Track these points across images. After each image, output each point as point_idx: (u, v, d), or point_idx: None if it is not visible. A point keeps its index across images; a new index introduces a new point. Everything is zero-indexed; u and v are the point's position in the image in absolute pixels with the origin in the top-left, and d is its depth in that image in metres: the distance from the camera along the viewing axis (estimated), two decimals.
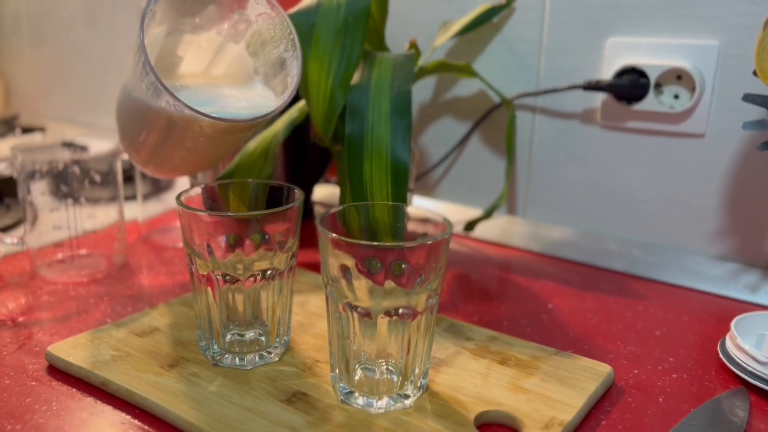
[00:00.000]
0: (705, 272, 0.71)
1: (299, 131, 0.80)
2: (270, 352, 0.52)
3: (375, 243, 0.43)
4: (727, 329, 0.61)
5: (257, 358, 0.51)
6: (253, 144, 0.73)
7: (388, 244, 0.43)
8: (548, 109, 0.78)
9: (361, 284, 0.44)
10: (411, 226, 0.55)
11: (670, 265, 0.73)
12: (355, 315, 0.45)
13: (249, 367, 0.51)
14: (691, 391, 0.52)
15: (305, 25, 0.66)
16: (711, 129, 0.69)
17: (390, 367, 0.47)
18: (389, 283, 0.44)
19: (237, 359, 0.51)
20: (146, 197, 0.89)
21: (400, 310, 0.45)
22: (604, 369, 0.52)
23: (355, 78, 0.66)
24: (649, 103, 0.71)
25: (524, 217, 0.83)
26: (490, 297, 0.68)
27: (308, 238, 0.81)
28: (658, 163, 0.73)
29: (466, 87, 0.84)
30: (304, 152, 0.80)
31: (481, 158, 0.84)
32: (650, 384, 0.53)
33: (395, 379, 0.47)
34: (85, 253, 0.72)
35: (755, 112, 0.67)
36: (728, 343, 0.56)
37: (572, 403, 0.48)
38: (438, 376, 0.51)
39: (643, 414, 0.49)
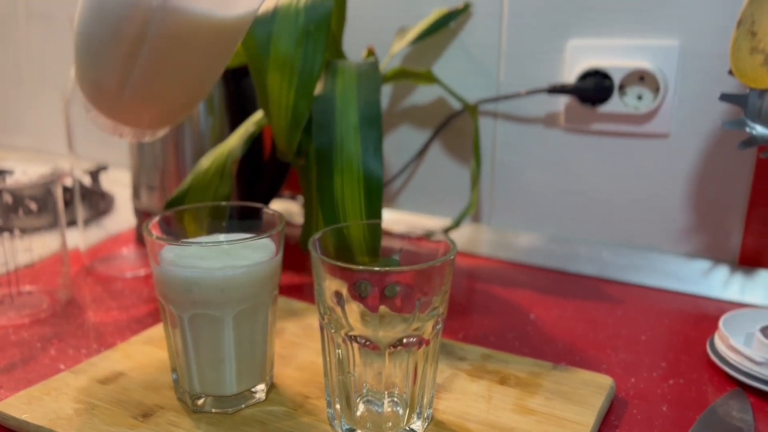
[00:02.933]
0: (676, 271, 0.71)
1: (254, 146, 0.75)
2: (254, 392, 0.47)
3: (379, 268, 0.40)
4: (709, 328, 0.61)
5: (240, 400, 0.47)
6: (206, 162, 0.68)
7: (394, 268, 0.40)
8: (510, 114, 0.77)
9: (362, 313, 0.41)
10: (386, 242, 0.52)
11: (641, 267, 0.72)
12: (355, 346, 0.42)
13: (231, 411, 0.46)
14: (691, 396, 0.51)
15: (262, 34, 0.61)
16: (675, 129, 0.70)
17: (395, 399, 0.43)
18: (384, 309, 0.41)
19: (218, 402, 0.46)
20: (86, 223, 0.82)
21: (405, 340, 0.41)
22: (606, 381, 0.51)
23: (318, 88, 0.62)
24: (614, 104, 0.70)
25: (490, 224, 0.81)
26: (470, 311, 0.65)
27: None
28: (624, 164, 0.73)
29: (424, 94, 0.81)
30: (260, 168, 0.75)
31: (442, 167, 0.82)
32: (650, 393, 0.52)
33: (401, 411, 0.43)
34: (25, 290, 0.64)
35: (719, 111, 0.67)
36: (718, 344, 0.56)
37: (582, 420, 0.46)
38: (440, 403, 0.47)
39: (652, 426, 0.47)
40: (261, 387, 0.48)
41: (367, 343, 0.41)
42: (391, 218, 0.84)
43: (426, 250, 0.47)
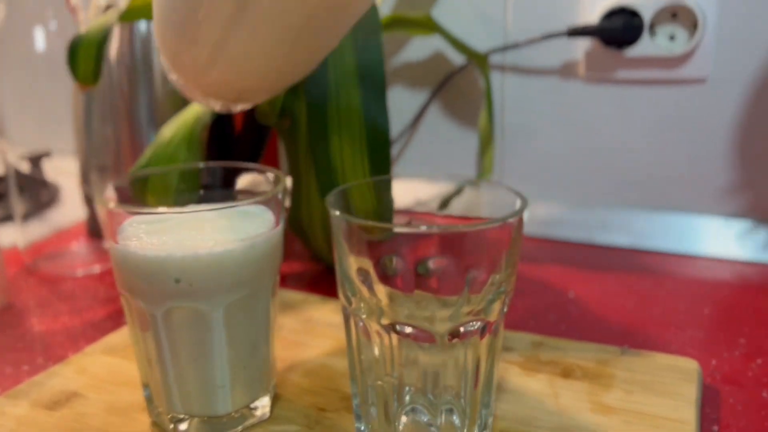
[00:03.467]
0: (721, 236, 0.62)
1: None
2: (255, 409, 0.36)
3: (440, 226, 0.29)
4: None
5: (236, 421, 0.35)
6: (169, 131, 0.56)
7: (453, 228, 0.29)
8: (520, 66, 0.67)
9: (391, 294, 0.30)
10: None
11: (681, 233, 0.63)
12: (395, 337, 0.31)
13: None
14: None
15: None
16: (714, 73, 0.60)
17: (450, 406, 0.32)
18: (420, 293, 0.30)
19: (208, 426, 0.35)
20: (25, 217, 0.69)
21: (463, 328, 0.30)
22: (690, 365, 0.41)
23: None
24: (643, 47, 0.61)
25: None
26: None
27: None
28: (655, 116, 0.63)
29: (418, 48, 0.70)
30: (234, 136, 0.63)
31: (443, 130, 0.71)
32: (740, 376, 0.42)
33: (457, 422, 0.32)
34: None
35: (765, 52, 0.58)
36: None
37: (681, 417, 0.36)
38: (497, 407, 0.37)
39: (755, 416, 0.38)
40: (264, 401, 0.36)
41: (416, 333, 0.30)
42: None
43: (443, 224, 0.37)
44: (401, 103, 0.72)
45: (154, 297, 0.32)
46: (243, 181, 0.39)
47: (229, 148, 0.64)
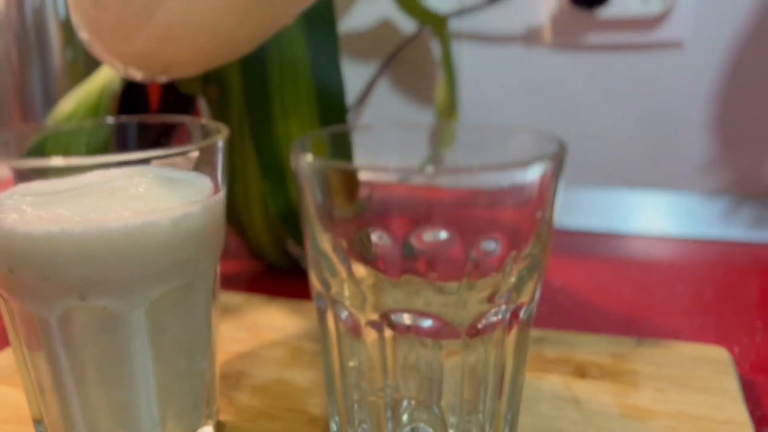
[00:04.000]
0: (703, 214, 0.57)
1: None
2: None
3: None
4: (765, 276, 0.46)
5: None
6: (69, 105, 0.46)
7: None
8: (478, 33, 0.60)
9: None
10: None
11: (660, 213, 0.57)
12: (388, 335, 0.22)
13: None
14: None
15: None
16: (691, 35, 0.55)
17: (464, 423, 0.24)
18: (408, 277, 0.22)
19: None
20: None
21: (484, 319, 0.22)
22: (720, 354, 0.34)
23: None
24: (615, 7, 0.55)
25: None
26: None
27: None
28: (628, 84, 0.58)
29: (363, 16, 0.62)
30: (143, 108, 0.53)
31: (395, 107, 0.63)
32: None
33: None
34: None
35: (747, 12, 0.53)
36: None
37: (733, 417, 0.29)
38: None
39: None
40: (206, 430, 0.27)
41: (421, 326, 0.22)
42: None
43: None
44: (346, 78, 0.63)
45: (45, 295, 0.23)
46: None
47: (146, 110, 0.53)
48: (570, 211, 0.59)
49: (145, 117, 0.30)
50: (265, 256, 0.49)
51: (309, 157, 0.22)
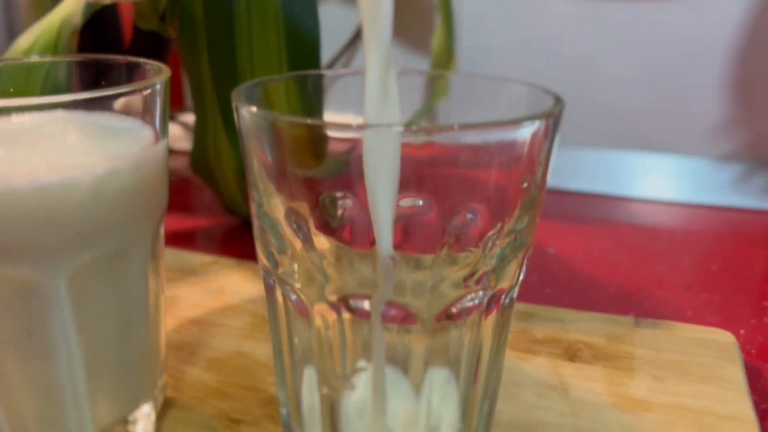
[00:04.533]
0: (715, 180, 0.53)
1: (106, 13, 0.49)
2: (139, 418, 0.24)
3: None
4: None
5: None
6: (27, 40, 0.42)
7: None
8: None
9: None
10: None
11: (669, 177, 0.54)
12: (346, 318, 0.19)
13: None
14: None
15: None
16: None
17: (437, 420, 0.21)
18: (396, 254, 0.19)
19: None
20: None
21: (461, 302, 0.19)
22: (725, 338, 0.31)
23: None
24: None
25: None
26: None
27: None
28: (639, 38, 0.53)
29: None
30: (113, 48, 0.49)
31: None
32: None
33: None
34: None
35: None
36: None
37: (736, 412, 0.26)
38: None
39: None
40: (145, 412, 0.24)
41: (385, 310, 0.19)
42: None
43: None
44: (333, 21, 0.59)
45: None
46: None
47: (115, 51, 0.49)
48: (571, 172, 0.55)
49: (94, 55, 0.27)
50: (239, 212, 0.46)
51: (249, 109, 0.18)
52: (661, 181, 0.53)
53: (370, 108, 0.18)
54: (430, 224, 0.20)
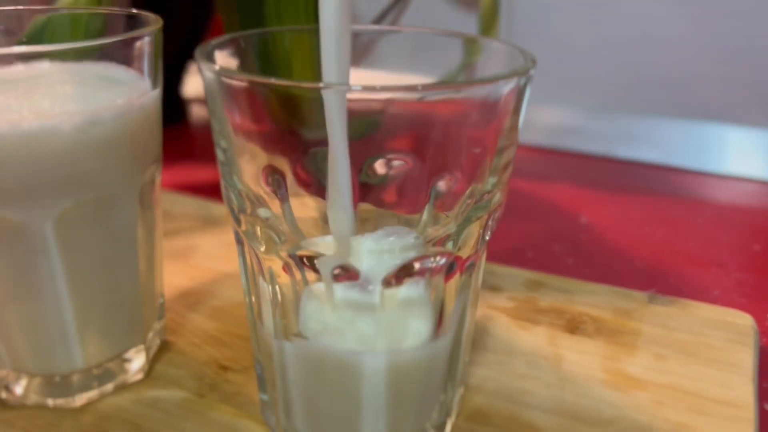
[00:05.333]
0: None
1: None
2: (130, 359, 0.25)
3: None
4: None
5: (93, 381, 0.24)
6: None
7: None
8: None
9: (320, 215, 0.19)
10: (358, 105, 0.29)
11: (723, 149, 0.51)
12: (309, 277, 0.19)
13: (77, 402, 0.24)
14: None
15: None
16: None
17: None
18: (367, 206, 0.19)
19: (51, 387, 0.24)
20: None
21: (418, 263, 0.19)
22: (743, 320, 0.30)
23: None
24: None
25: None
26: None
27: (180, 148, 0.53)
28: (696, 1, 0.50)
29: None
30: (168, 2, 0.50)
31: (436, 9, 0.58)
32: None
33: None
34: None
35: None
36: None
37: (736, 398, 0.25)
38: (471, 374, 0.26)
39: None
40: (137, 351, 0.25)
41: (340, 273, 0.19)
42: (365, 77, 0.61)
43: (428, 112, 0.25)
44: None
45: None
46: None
47: (168, 17, 0.50)
48: (620, 139, 0.53)
49: (124, 10, 0.27)
50: None
51: (206, 73, 0.18)
52: (713, 152, 0.50)
53: (326, 66, 0.18)
54: (412, 183, 0.20)
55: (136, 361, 0.25)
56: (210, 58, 0.19)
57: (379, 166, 0.21)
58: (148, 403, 0.24)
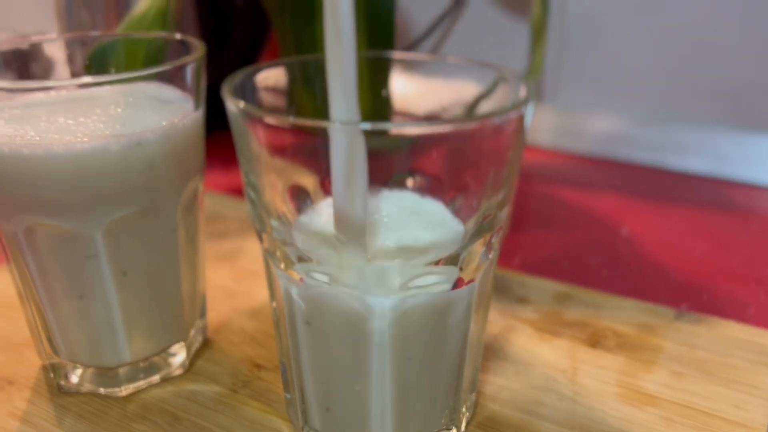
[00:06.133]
0: None
1: None
2: (172, 354, 0.28)
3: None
4: None
5: (139, 373, 0.27)
6: (144, 4, 0.46)
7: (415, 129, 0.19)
8: None
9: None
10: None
11: None
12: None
13: (122, 392, 0.27)
14: None
15: None
16: None
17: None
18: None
19: (101, 377, 0.27)
20: None
21: (419, 280, 0.20)
22: None
23: None
24: None
25: (555, 103, 0.58)
26: (529, 224, 0.44)
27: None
28: (756, 5, 0.49)
29: None
30: (228, 18, 0.53)
31: (489, 18, 0.58)
32: None
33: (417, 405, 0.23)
34: None
35: None
36: None
37: (748, 420, 0.25)
38: (488, 383, 0.27)
39: None
40: (179, 348, 0.28)
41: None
42: (413, 91, 0.62)
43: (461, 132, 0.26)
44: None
45: (3, 209, 0.24)
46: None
47: (226, 33, 0.53)
48: (671, 149, 0.52)
49: (176, 34, 0.29)
50: None
51: (231, 107, 0.20)
52: (765, 164, 0.49)
53: (334, 104, 0.19)
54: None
55: (179, 357, 0.28)
56: (236, 94, 0.20)
57: (406, 181, 0.23)
58: (186, 395, 0.27)
